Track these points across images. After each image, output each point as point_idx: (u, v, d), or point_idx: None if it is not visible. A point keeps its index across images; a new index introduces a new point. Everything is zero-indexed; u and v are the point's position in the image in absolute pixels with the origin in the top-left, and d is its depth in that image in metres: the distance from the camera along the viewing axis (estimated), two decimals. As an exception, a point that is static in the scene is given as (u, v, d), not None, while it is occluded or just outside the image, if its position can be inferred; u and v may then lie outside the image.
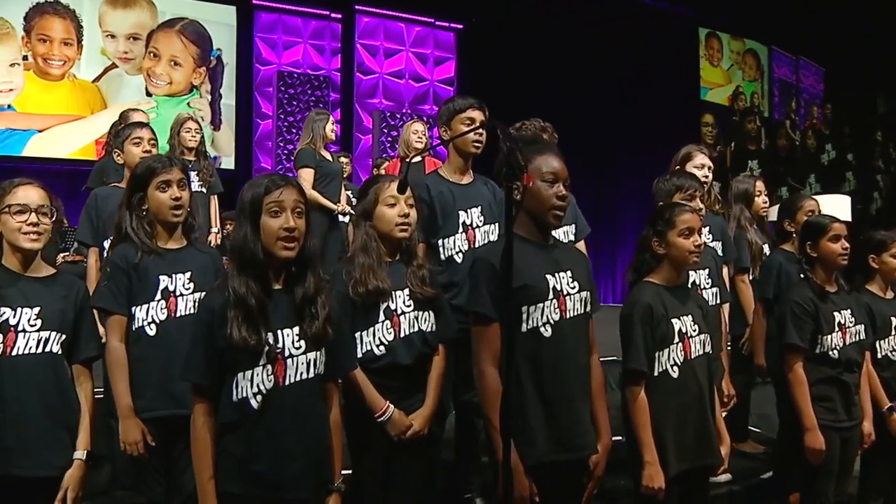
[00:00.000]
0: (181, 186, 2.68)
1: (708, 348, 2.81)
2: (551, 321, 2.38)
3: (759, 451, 4.39)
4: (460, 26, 10.79)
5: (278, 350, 2.13)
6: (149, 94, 9.72)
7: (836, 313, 3.26)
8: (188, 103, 9.89)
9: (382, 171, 6.15)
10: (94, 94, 9.34)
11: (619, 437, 2.73)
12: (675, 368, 2.72)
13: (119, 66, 9.59)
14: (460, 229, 3.19)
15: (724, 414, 3.71)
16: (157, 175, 2.66)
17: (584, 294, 2.47)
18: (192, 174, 5.03)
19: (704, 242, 3.60)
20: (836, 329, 3.24)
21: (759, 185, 4.51)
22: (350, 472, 2.64)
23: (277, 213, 2.13)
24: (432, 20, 10.66)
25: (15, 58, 9.06)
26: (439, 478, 3.17)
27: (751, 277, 4.25)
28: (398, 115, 9.69)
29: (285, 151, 9.70)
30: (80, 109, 9.14)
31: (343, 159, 6.51)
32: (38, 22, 9.16)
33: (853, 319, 3.30)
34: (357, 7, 10.29)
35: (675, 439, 2.69)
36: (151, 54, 9.73)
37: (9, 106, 9.02)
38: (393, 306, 2.62)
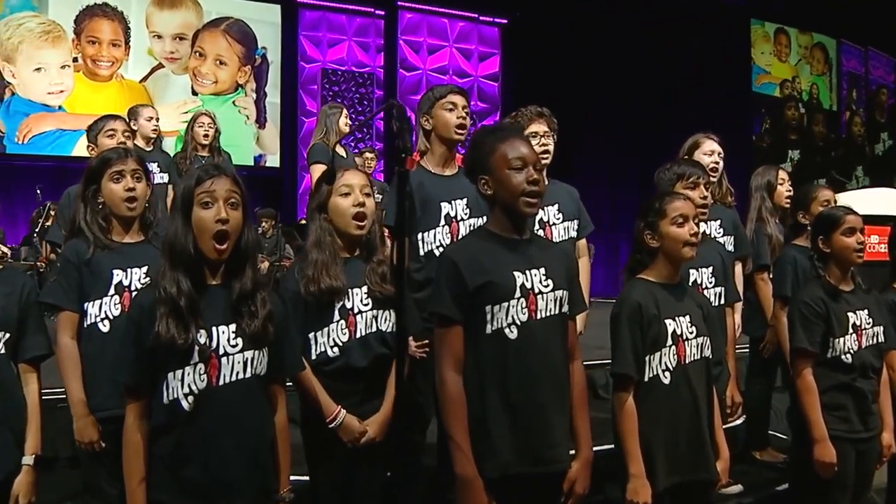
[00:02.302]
0: (136, 177, 2.58)
1: (707, 352, 2.59)
2: (518, 322, 2.18)
3: (779, 460, 4.11)
4: (504, 21, 10.65)
5: (212, 348, 2.02)
6: (195, 94, 9.86)
7: (850, 314, 2.99)
8: (233, 102, 10.00)
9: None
10: (142, 94, 9.51)
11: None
12: (667, 374, 2.51)
13: (165, 65, 9.76)
14: (443, 221, 3.04)
15: (739, 421, 3.51)
16: (111, 165, 2.57)
17: (559, 293, 2.25)
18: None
19: (714, 237, 3.40)
20: (850, 331, 2.97)
21: (782, 174, 4.21)
22: (307, 478, 2.53)
23: (209, 205, 2.03)
24: (476, 15, 10.56)
25: (66, 60, 9.31)
26: (422, 485, 3.05)
27: (771, 275, 3.97)
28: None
29: (330, 149, 9.74)
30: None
31: (368, 154, 6.43)
32: (87, 24, 9.39)
33: (870, 320, 3.02)
34: (400, 3, 10.24)
35: (666, 450, 2.49)
36: (197, 54, 9.87)
37: (59, 107, 9.26)
38: (349, 305, 2.48)
